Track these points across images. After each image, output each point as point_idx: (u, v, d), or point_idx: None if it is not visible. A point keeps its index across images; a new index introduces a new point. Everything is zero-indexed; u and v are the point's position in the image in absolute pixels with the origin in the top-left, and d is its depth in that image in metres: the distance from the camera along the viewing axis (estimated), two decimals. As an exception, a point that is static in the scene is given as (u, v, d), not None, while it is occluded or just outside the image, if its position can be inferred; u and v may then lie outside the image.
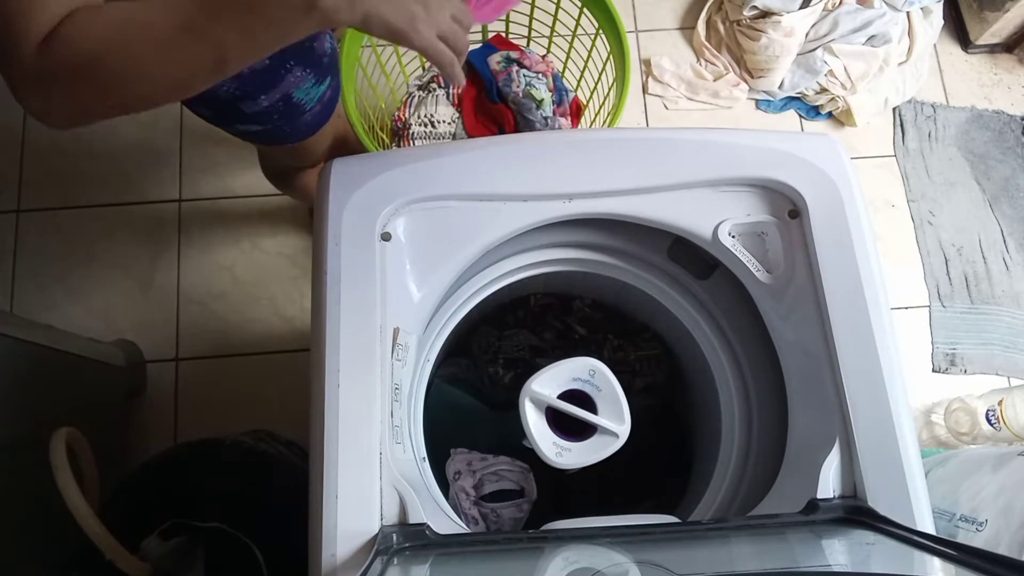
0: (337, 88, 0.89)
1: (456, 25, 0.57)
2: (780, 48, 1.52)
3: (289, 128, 0.86)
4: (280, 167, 1.12)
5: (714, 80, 1.63)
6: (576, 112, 1.24)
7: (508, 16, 1.26)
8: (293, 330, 1.43)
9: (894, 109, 1.64)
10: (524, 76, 1.20)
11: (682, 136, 0.72)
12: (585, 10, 1.13)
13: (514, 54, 1.23)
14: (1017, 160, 1.61)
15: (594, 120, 1.27)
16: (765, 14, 1.52)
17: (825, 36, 1.55)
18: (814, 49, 1.56)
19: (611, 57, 1.13)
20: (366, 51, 1.13)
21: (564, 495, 0.95)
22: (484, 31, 1.29)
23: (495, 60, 1.22)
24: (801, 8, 1.51)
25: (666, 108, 1.63)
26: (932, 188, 1.59)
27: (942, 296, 1.51)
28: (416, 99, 1.24)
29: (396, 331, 0.66)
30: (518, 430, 0.72)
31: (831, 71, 1.56)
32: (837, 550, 0.59)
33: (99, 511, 0.78)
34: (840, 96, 1.57)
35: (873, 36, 1.53)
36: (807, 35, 1.56)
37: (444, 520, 0.62)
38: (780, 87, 1.61)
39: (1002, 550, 0.90)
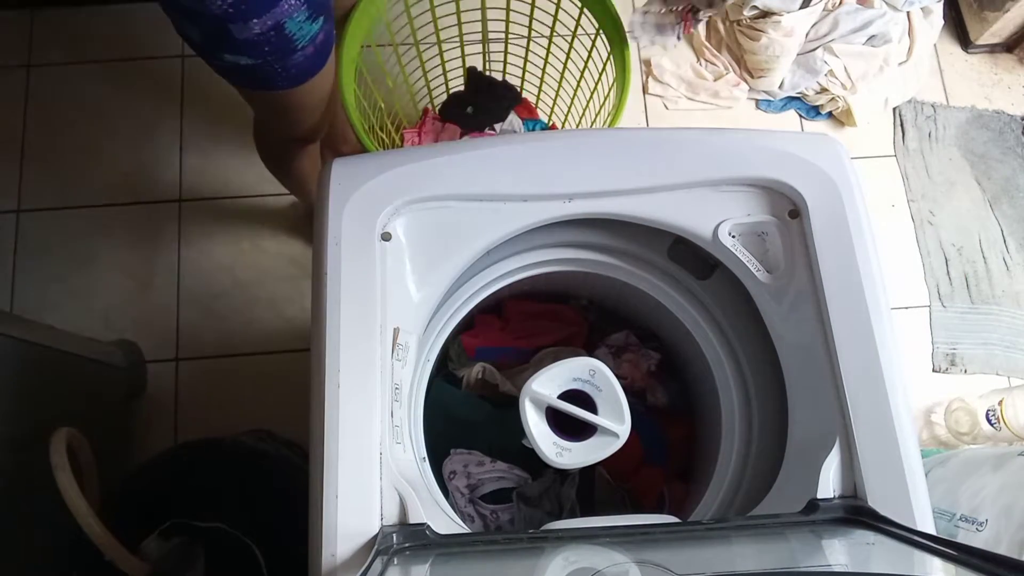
0: (330, 34, 0.87)
1: None
2: (780, 48, 1.52)
3: (280, 67, 0.84)
4: (276, 142, 1.11)
5: (714, 80, 1.63)
6: None
7: (508, 16, 1.26)
8: (293, 330, 1.43)
9: (894, 109, 1.64)
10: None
11: (682, 136, 0.72)
12: (585, 10, 1.13)
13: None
14: (1017, 160, 1.61)
15: (594, 120, 1.27)
16: (765, 14, 1.52)
17: (825, 36, 1.55)
18: (814, 49, 1.56)
19: (611, 57, 1.13)
20: (366, 51, 1.13)
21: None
22: (484, 27, 1.29)
23: None
24: (801, 8, 1.51)
25: (666, 108, 1.63)
26: (932, 188, 1.59)
27: (942, 296, 1.51)
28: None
29: (396, 331, 0.66)
30: (518, 429, 0.72)
31: (831, 71, 1.56)
32: (837, 550, 0.59)
33: (99, 511, 0.78)
34: (840, 96, 1.57)
35: (873, 36, 1.53)
36: (807, 35, 1.56)
37: (444, 520, 0.62)
38: (780, 87, 1.61)
39: (1002, 550, 0.90)
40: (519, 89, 1.42)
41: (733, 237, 0.71)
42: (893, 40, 1.53)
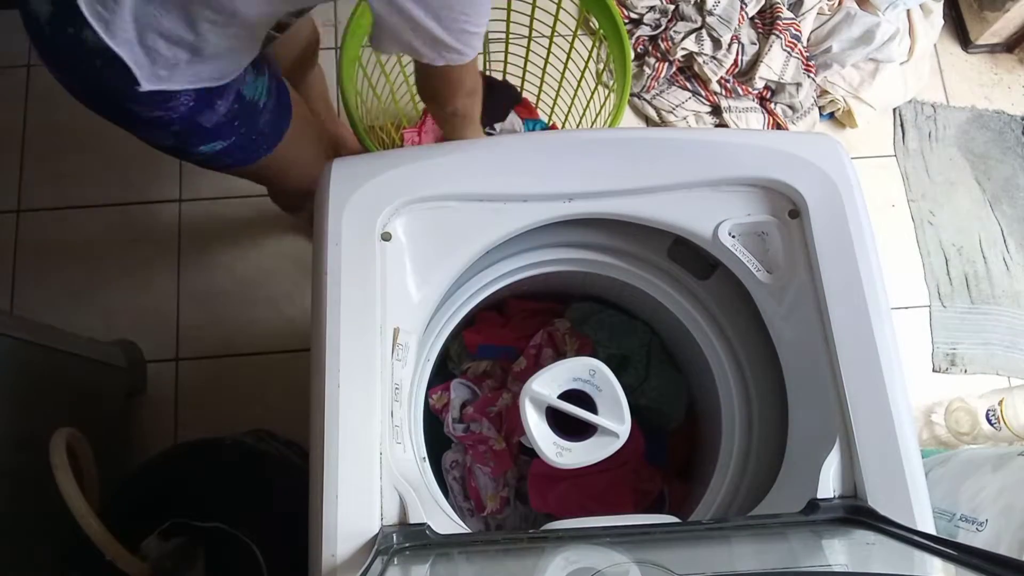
0: (278, 78, 0.87)
1: None
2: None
3: (254, 135, 0.84)
4: (292, 197, 1.11)
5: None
6: None
7: (508, 16, 1.26)
8: (293, 330, 1.43)
9: (894, 109, 1.64)
10: None
11: (682, 136, 0.72)
12: (586, 11, 1.13)
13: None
14: (1017, 160, 1.61)
15: (594, 120, 1.27)
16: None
17: (826, 38, 1.55)
18: (815, 51, 1.56)
19: (612, 58, 1.13)
20: (365, 51, 1.13)
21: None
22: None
23: None
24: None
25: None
26: (932, 188, 1.59)
27: (942, 296, 1.51)
28: None
29: (396, 331, 0.66)
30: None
31: (832, 73, 1.56)
32: (837, 550, 0.59)
33: (99, 511, 0.78)
34: (841, 97, 1.57)
35: (874, 37, 1.53)
36: (808, 38, 1.56)
37: (444, 520, 0.62)
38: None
39: (1002, 550, 0.90)
40: (519, 89, 1.42)
41: (733, 237, 0.71)
42: (894, 40, 1.53)
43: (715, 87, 1.52)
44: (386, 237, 0.67)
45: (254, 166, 0.90)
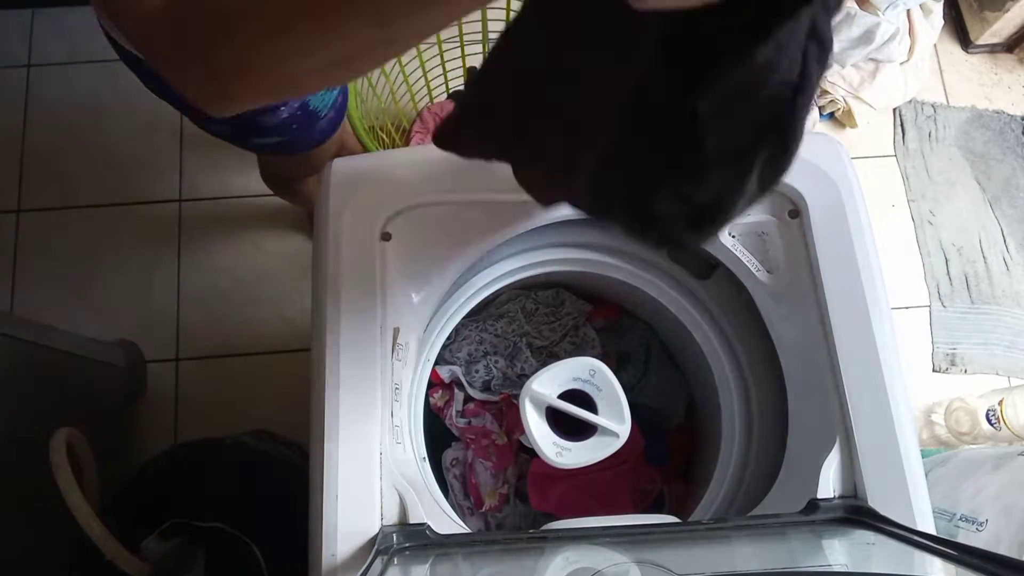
0: (346, 91, 0.89)
1: None
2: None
3: (305, 136, 0.86)
4: (282, 174, 1.12)
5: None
6: None
7: (508, 16, 1.26)
8: (293, 330, 1.43)
9: (894, 109, 1.64)
10: None
11: (682, 136, 0.72)
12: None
13: None
14: (1017, 160, 1.61)
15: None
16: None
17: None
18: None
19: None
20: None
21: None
22: (484, 27, 1.29)
23: None
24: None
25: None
26: (932, 188, 1.59)
27: (942, 296, 1.51)
28: None
29: (396, 331, 0.66)
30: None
31: (832, 73, 1.55)
32: (837, 550, 0.59)
33: (99, 511, 0.78)
34: (841, 97, 1.57)
35: (874, 37, 1.53)
36: (807, 35, 1.56)
37: (444, 520, 0.62)
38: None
39: (1002, 550, 0.90)
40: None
41: (733, 237, 0.71)
42: (894, 40, 1.53)
43: (715, 87, 1.52)
44: (386, 237, 0.67)
45: (288, 156, 0.92)
